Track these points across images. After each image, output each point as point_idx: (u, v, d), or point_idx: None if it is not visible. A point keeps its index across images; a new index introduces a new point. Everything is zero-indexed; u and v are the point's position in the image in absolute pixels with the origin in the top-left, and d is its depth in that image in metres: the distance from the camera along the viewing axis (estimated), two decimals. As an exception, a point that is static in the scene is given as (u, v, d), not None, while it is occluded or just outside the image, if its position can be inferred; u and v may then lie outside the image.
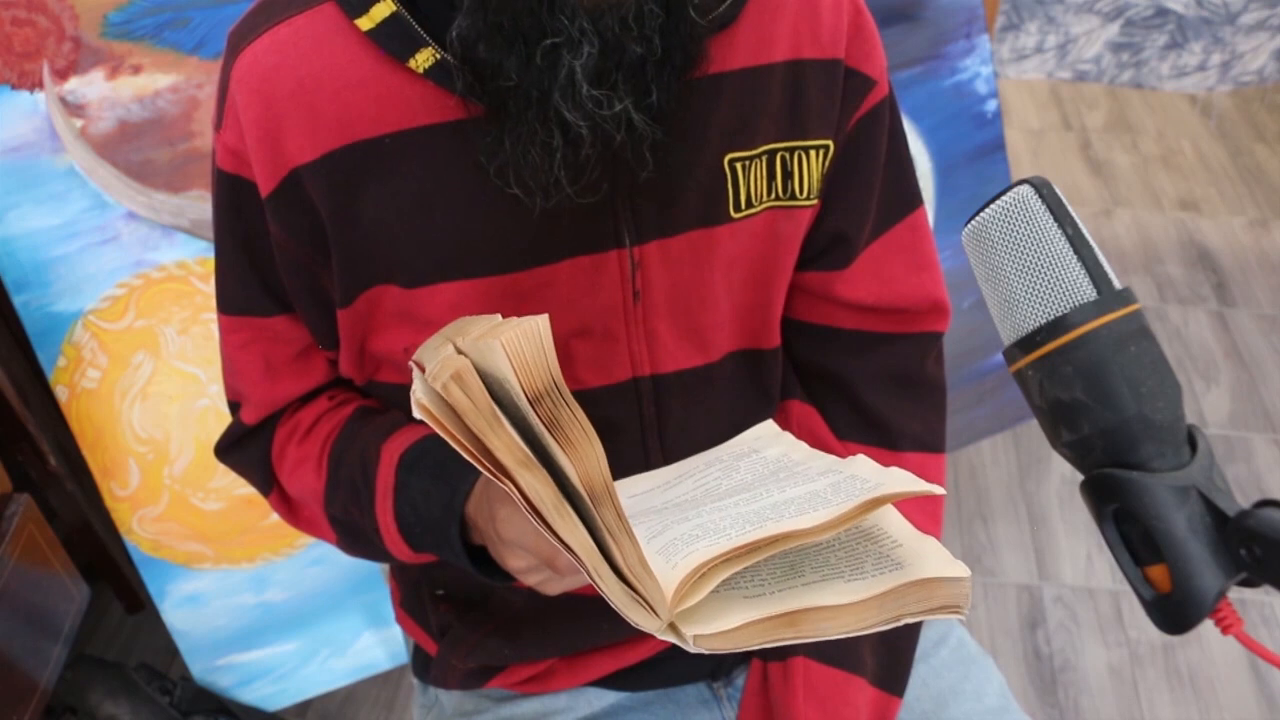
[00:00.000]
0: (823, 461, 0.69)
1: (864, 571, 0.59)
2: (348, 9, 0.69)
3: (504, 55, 0.63)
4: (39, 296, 1.29)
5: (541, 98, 0.64)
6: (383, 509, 0.77)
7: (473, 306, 0.74)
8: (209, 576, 1.47)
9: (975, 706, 0.92)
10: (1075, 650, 1.81)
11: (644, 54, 0.63)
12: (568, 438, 0.53)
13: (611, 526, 0.54)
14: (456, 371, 0.53)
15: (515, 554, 0.67)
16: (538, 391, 0.52)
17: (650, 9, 0.63)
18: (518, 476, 0.54)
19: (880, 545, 0.62)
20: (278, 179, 0.71)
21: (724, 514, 0.61)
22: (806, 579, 0.60)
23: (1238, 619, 0.56)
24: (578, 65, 0.62)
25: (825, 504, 0.59)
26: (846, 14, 0.77)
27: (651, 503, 0.72)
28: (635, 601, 0.55)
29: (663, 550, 0.57)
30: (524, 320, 0.53)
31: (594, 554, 0.55)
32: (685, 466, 0.78)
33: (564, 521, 0.54)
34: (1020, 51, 3.44)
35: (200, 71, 1.27)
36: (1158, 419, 0.55)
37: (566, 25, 0.62)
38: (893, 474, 0.62)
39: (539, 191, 0.67)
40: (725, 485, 0.70)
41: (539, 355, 0.52)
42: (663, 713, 0.92)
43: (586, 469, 0.53)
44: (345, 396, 0.85)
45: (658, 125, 0.66)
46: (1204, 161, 3.10)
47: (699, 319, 0.80)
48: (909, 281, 0.86)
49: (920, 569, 0.59)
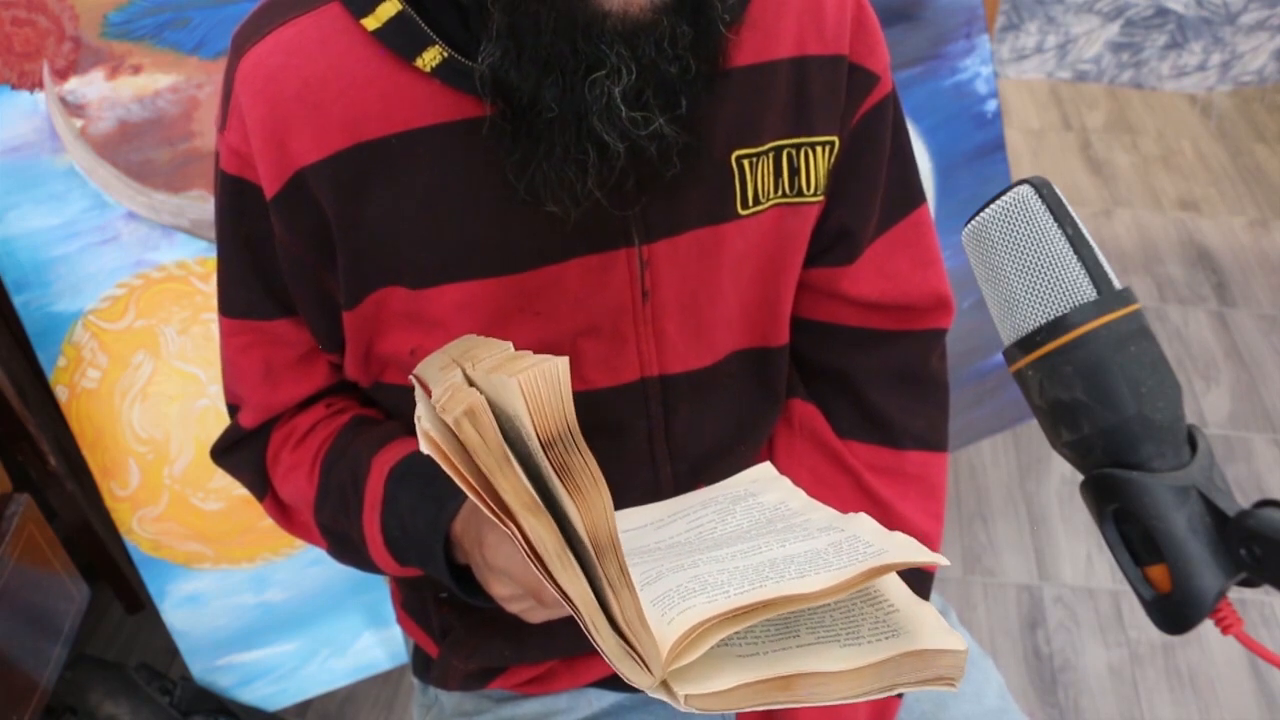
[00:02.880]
0: (822, 515, 0.68)
1: (860, 636, 0.59)
2: (353, 9, 0.69)
3: (540, 83, 0.63)
4: (39, 296, 1.29)
5: (579, 120, 0.64)
6: (370, 521, 0.77)
7: (481, 307, 0.74)
8: (209, 576, 1.47)
9: (975, 707, 0.91)
10: (1075, 650, 1.81)
11: (678, 73, 0.64)
12: (577, 485, 0.51)
13: (613, 579, 0.53)
14: (470, 407, 0.51)
15: (501, 581, 0.67)
16: (551, 436, 0.51)
17: (682, 30, 0.63)
18: (522, 520, 0.53)
19: (878, 609, 0.61)
20: (283, 180, 0.71)
21: (721, 567, 0.59)
22: (801, 640, 0.59)
23: (1238, 619, 0.56)
24: (616, 91, 0.63)
25: (826, 566, 0.58)
26: (850, 10, 0.77)
27: (644, 541, 0.70)
28: (629, 656, 0.54)
29: (658, 601, 0.56)
30: (542, 360, 0.51)
31: (592, 606, 0.53)
32: (678, 505, 0.76)
33: (565, 571, 0.53)
34: (1020, 51, 3.44)
35: (200, 71, 1.27)
36: (1158, 419, 0.55)
37: (607, 54, 0.62)
38: (895, 540, 0.61)
39: (571, 204, 0.67)
40: (720, 531, 0.69)
41: (555, 398, 0.50)
42: (663, 713, 0.92)
43: (593, 519, 0.52)
44: (343, 405, 0.85)
45: (685, 132, 0.66)
46: (1204, 161, 3.09)
47: (707, 317, 0.80)
48: (914, 277, 0.86)
49: (917, 639, 0.58)
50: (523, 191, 0.67)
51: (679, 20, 0.63)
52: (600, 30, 0.62)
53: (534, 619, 0.69)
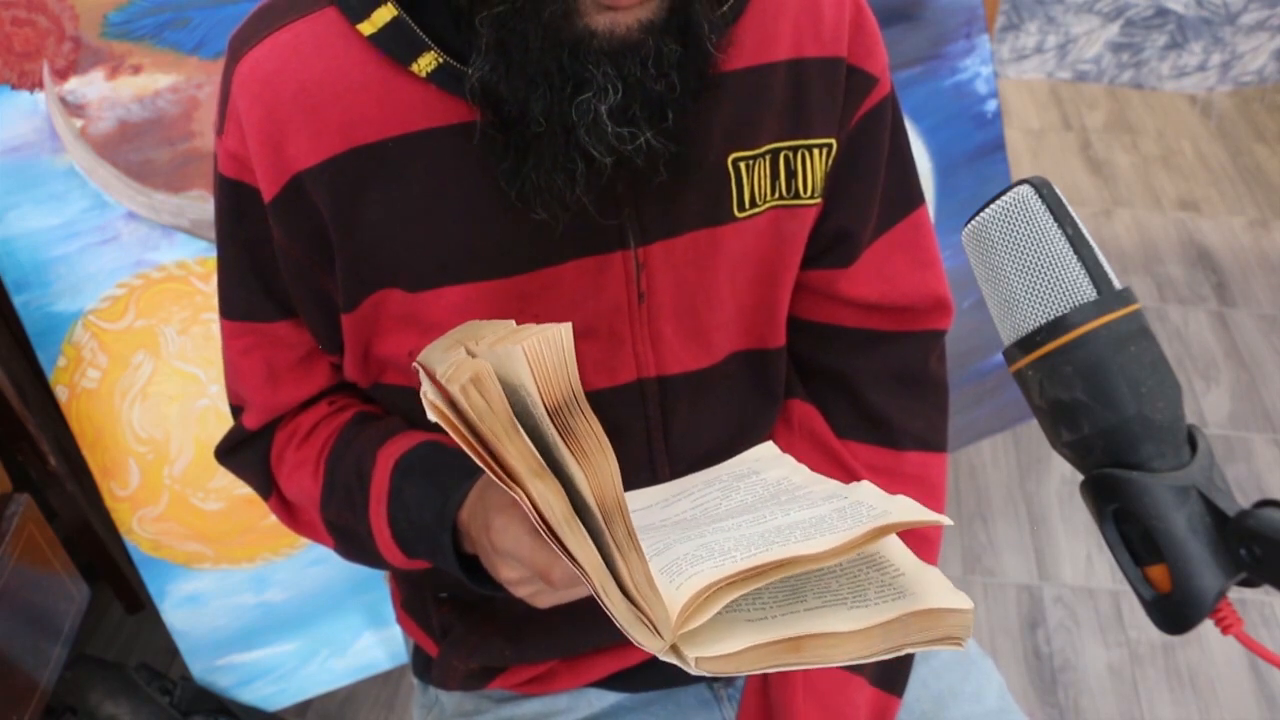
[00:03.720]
0: (825, 486, 0.69)
1: (866, 599, 0.59)
2: (349, 14, 0.69)
3: (528, 97, 0.63)
4: (39, 296, 1.29)
5: (566, 134, 0.64)
6: (377, 514, 0.77)
7: (477, 310, 0.74)
8: (209, 576, 1.47)
9: (974, 708, 0.92)
10: (1075, 650, 1.81)
11: (664, 90, 0.64)
12: (582, 449, 0.52)
13: (621, 543, 0.53)
14: (475, 375, 0.52)
15: (508, 565, 0.67)
16: (556, 401, 0.51)
17: (669, 48, 0.63)
18: (529, 486, 0.53)
19: (883, 573, 0.62)
20: (280, 184, 0.71)
21: (727, 535, 0.60)
22: (809, 604, 0.59)
23: (1238, 619, 0.56)
24: (603, 109, 0.63)
25: (831, 529, 0.58)
26: (848, 12, 0.77)
27: (650, 519, 0.71)
28: (639, 620, 0.54)
29: (666, 569, 0.57)
30: (546, 327, 0.52)
31: (601, 570, 0.54)
32: (683, 484, 0.77)
33: (574, 535, 0.53)
34: (1020, 51, 3.44)
35: (200, 71, 1.27)
36: (1158, 419, 0.55)
37: (593, 73, 0.62)
38: (898, 501, 0.62)
39: (561, 212, 0.68)
40: (725, 506, 0.70)
41: (560, 364, 0.51)
42: (663, 713, 0.92)
43: (600, 483, 0.52)
44: (345, 402, 0.85)
45: (671, 142, 0.66)
46: (1204, 161, 3.09)
47: (704, 319, 0.80)
48: (912, 279, 0.86)
49: (923, 599, 0.59)
50: (514, 198, 0.68)
51: (666, 39, 0.63)
52: (587, 49, 0.62)
53: (542, 603, 0.68)
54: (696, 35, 0.65)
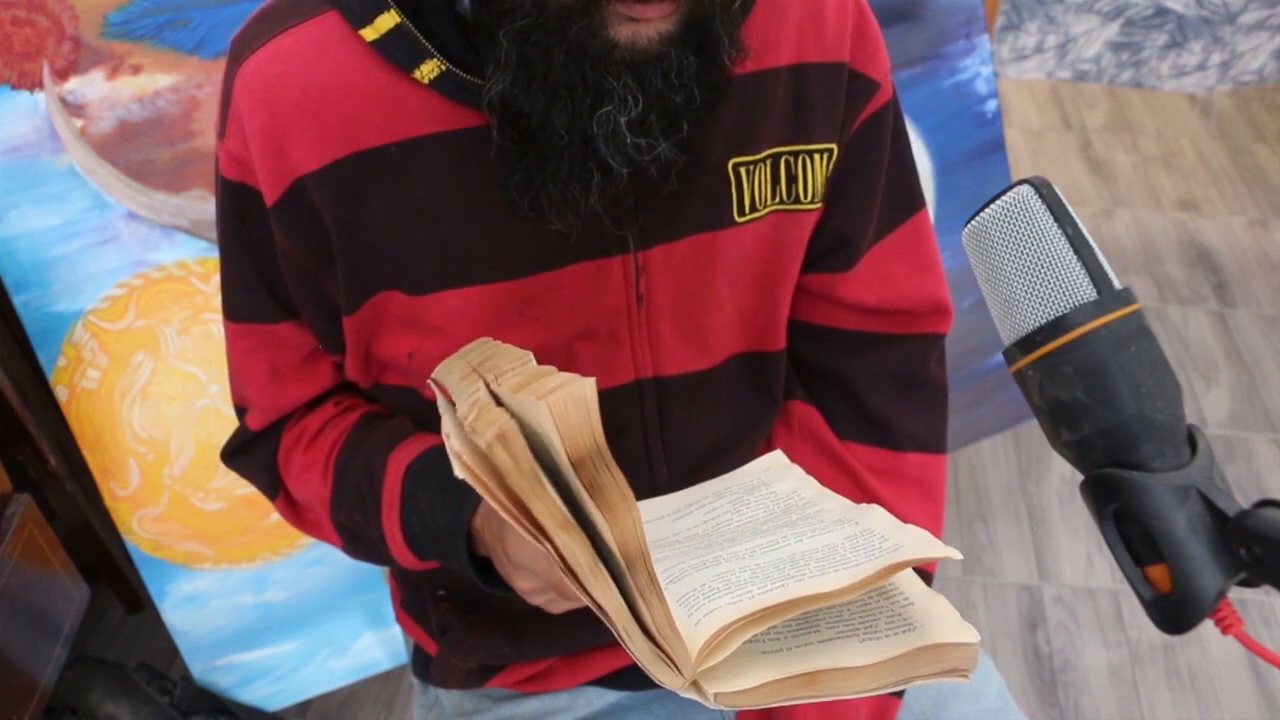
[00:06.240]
0: (835, 505, 0.70)
1: (877, 631, 0.61)
2: (351, 19, 0.69)
3: (549, 109, 0.64)
4: (39, 296, 1.29)
5: (585, 145, 0.64)
6: (389, 519, 0.77)
7: (479, 312, 0.74)
8: (209, 576, 1.47)
9: (974, 707, 0.92)
10: (1075, 650, 1.81)
11: (683, 102, 0.65)
12: (607, 502, 0.52)
13: (644, 589, 0.54)
14: (502, 432, 0.52)
15: (524, 576, 0.68)
16: (580, 455, 0.52)
17: (688, 60, 0.64)
18: (555, 537, 0.54)
19: (893, 602, 0.63)
20: (282, 188, 0.71)
21: (743, 564, 0.61)
22: (822, 635, 0.61)
23: (1238, 619, 0.56)
24: (623, 120, 0.63)
25: (845, 562, 0.60)
26: (850, 17, 0.77)
27: (662, 532, 0.72)
28: (660, 659, 0.55)
29: (683, 601, 0.58)
30: (568, 382, 0.52)
31: (625, 615, 0.55)
32: (694, 495, 0.78)
33: (599, 584, 0.54)
34: (1020, 51, 3.44)
35: (200, 71, 1.27)
36: (1158, 419, 0.55)
37: (615, 86, 0.62)
38: (910, 534, 0.63)
39: (574, 220, 0.68)
40: (736, 522, 0.71)
41: (584, 420, 0.52)
42: (662, 712, 0.92)
43: (624, 534, 0.53)
44: (351, 402, 0.85)
45: (684, 153, 0.67)
46: (1204, 161, 3.10)
47: (703, 323, 0.80)
48: (911, 283, 0.86)
49: (932, 632, 0.60)
50: (526, 207, 0.68)
51: (685, 51, 0.64)
52: (609, 61, 0.62)
53: (555, 610, 0.70)
54: (714, 48, 0.65)
